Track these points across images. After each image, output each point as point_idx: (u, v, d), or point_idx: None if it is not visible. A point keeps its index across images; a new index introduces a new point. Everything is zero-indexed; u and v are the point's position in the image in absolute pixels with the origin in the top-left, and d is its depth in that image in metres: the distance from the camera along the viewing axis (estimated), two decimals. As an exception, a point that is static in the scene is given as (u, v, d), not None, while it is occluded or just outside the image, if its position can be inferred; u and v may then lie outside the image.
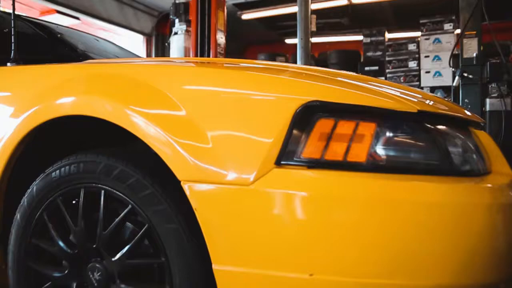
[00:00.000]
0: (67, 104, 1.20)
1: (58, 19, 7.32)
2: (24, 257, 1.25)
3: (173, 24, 4.84)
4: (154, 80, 1.12)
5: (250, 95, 1.00)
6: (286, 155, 0.93)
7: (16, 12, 1.83)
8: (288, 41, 10.78)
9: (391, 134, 0.93)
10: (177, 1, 4.92)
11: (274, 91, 0.99)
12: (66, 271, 1.19)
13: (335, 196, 0.88)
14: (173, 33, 4.82)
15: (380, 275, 0.86)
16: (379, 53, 7.20)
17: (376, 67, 6.81)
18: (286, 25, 9.23)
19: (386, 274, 0.86)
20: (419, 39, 6.04)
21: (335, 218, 0.88)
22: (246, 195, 0.93)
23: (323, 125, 0.93)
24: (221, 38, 4.61)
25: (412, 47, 6.34)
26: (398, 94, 1.03)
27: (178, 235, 1.03)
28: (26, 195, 1.26)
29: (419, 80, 6.10)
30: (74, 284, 1.19)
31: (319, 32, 9.20)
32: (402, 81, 6.24)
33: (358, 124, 0.93)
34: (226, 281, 0.95)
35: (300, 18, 3.95)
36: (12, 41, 1.62)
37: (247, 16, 8.94)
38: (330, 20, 9.30)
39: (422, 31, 5.88)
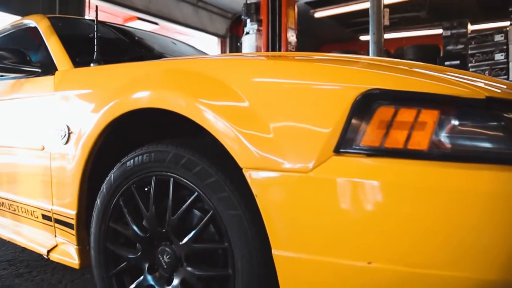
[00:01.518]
0: (142, 98, 1.29)
1: (139, 25, 7.77)
2: (103, 239, 1.36)
3: (245, 25, 4.94)
4: (220, 74, 1.16)
5: (310, 85, 1.01)
6: (345, 143, 0.92)
7: (101, 20, 1.99)
8: (363, 38, 10.54)
9: (455, 122, 0.89)
10: (248, 1, 5.02)
11: (333, 80, 0.99)
12: (139, 253, 1.28)
13: (395, 184, 0.87)
14: (244, 33, 4.92)
15: (440, 266, 0.83)
16: (460, 46, 6.81)
17: (458, 61, 6.45)
18: (360, 21, 9.03)
19: (446, 266, 0.82)
20: (507, 28, 5.60)
21: (395, 206, 0.86)
22: (305, 182, 0.94)
23: (383, 113, 0.92)
24: (292, 36, 4.62)
25: (499, 38, 5.92)
26: (468, 82, 0.99)
27: (241, 221, 1.06)
28: (105, 183, 1.37)
29: (507, 74, 5.67)
30: (146, 265, 1.28)
31: (395, 27, 8.90)
32: (487, 75, 5.84)
33: (419, 112, 0.90)
34: (285, 266, 0.97)
35: (372, 12, 3.86)
36: (95, 43, 1.77)
37: (319, 14, 8.88)
38: (406, 14, 8.95)
39: (511, 20, 5.44)
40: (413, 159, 0.88)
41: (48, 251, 1.64)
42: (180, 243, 1.18)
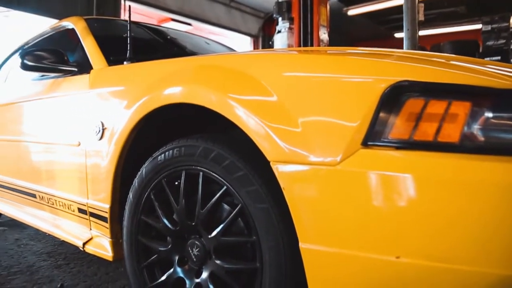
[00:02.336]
0: (173, 93, 1.31)
1: (173, 26, 7.89)
2: (135, 232, 1.39)
3: (277, 23, 4.93)
4: (249, 69, 1.17)
5: (337, 79, 1.00)
6: (373, 135, 0.91)
7: (135, 20, 2.04)
8: (398, 35, 10.33)
9: (489, 114, 0.86)
10: (279, 0, 5.01)
11: (362, 73, 0.98)
12: (169, 246, 1.31)
13: (425, 177, 0.85)
14: (276, 31, 4.92)
15: (471, 262, 0.80)
16: (502, 41, 6.56)
17: (498, 57, 6.22)
18: (394, 18, 8.85)
19: (479, 262, 0.80)
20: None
21: (424, 199, 0.84)
22: (332, 175, 0.93)
23: (412, 105, 0.90)
24: (324, 33, 4.58)
25: (543, 32, 5.66)
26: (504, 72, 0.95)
27: (268, 215, 1.07)
28: (137, 177, 1.40)
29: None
30: (176, 258, 1.30)
31: (431, 23, 8.67)
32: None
33: (450, 104, 0.87)
34: (312, 259, 0.96)
35: (406, 7, 3.77)
36: (128, 42, 1.81)
37: (353, 11, 8.76)
38: (444, 10, 8.70)
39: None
40: (443, 152, 0.86)
41: (84, 244, 1.69)
42: (209, 236, 1.20)
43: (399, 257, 0.85)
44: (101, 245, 1.64)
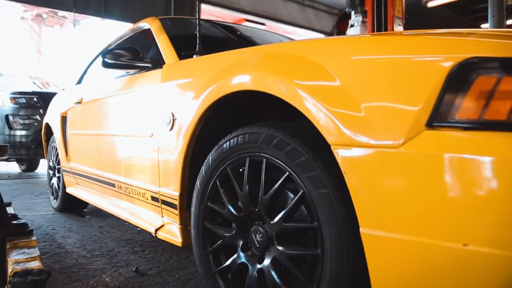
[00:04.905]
0: (239, 82, 1.32)
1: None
2: (202, 218, 1.43)
3: (349, 18, 4.83)
4: (313, 55, 1.15)
5: (401, 59, 0.95)
6: (439, 116, 0.85)
7: (207, 18, 2.09)
8: (484, 26, 9.67)
9: None
10: (352, -7, 4.89)
11: (427, 52, 0.92)
12: (234, 232, 1.33)
13: (498, 159, 0.78)
14: (349, 25, 4.81)
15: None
16: None
17: None
18: (479, 8, 8.28)
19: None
20: None
21: (496, 183, 0.77)
22: (395, 158, 0.89)
23: (482, 82, 0.83)
24: (399, 25, 4.39)
25: None
26: None
27: (330, 200, 1.04)
28: (204, 165, 1.44)
29: None
30: (240, 243, 1.32)
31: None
32: None
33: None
34: (373, 245, 0.92)
35: (491, -9, 3.51)
36: (197, 37, 1.87)
37: (433, 3, 8.34)
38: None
39: None
40: (520, 131, 0.79)
41: (156, 230, 1.78)
42: (272, 222, 1.20)
43: (466, 245, 0.79)
44: (171, 231, 1.71)
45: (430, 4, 8.32)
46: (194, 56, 1.83)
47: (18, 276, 1.30)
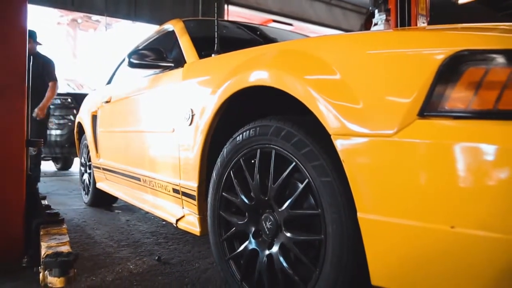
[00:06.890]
0: (250, 77, 1.40)
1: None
2: (217, 207, 1.52)
3: (373, 16, 4.82)
4: (316, 50, 1.22)
5: (395, 53, 1.01)
6: (430, 106, 0.90)
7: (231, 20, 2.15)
8: (518, 22, 9.33)
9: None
10: (376, -9, 4.88)
11: (420, 45, 0.97)
12: (246, 220, 1.41)
13: (485, 146, 0.82)
14: (373, 24, 4.80)
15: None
16: None
17: None
18: (513, 3, 8.04)
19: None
20: None
21: (484, 169, 0.81)
22: (388, 146, 0.94)
23: (471, 74, 0.88)
24: (423, 23, 4.36)
25: None
26: None
27: (332, 188, 1.11)
28: (219, 157, 1.53)
29: None
30: (252, 230, 1.39)
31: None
32: None
33: (512, 70, 0.84)
34: (369, 229, 0.98)
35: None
36: (215, 37, 1.96)
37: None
38: None
39: None
40: (506, 120, 0.83)
41: (177, 220, 1.88)
42: (280, 210, 1.27)
43: (454, 227, 0.84)
44: (191, 222, 1.80)
45: (461, 0, 8.14)
46: (213, 55, 1.92)
47: (50, 257, 1.43)
